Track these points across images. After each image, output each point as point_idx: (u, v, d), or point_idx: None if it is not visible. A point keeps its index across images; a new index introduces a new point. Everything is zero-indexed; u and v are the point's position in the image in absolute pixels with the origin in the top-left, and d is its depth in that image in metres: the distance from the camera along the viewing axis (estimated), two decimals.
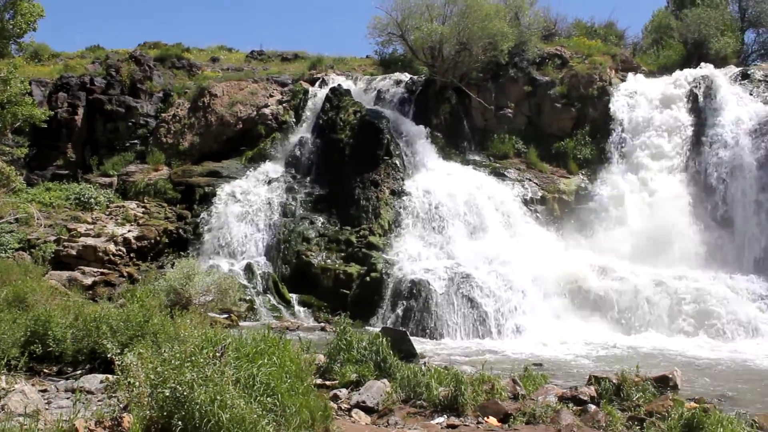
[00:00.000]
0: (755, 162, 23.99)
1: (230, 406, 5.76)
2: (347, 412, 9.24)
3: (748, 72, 27.67)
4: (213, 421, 5.63)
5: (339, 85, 28.47)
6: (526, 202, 24.87)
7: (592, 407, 9.78)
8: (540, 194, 25.33)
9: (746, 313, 19.83)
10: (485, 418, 9.27)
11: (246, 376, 6.45)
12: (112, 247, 22.33)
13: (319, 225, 23.66)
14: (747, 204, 23.71)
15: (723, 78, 27.01)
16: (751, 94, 26.30)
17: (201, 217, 24.28)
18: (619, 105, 27.31)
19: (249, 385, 6.40)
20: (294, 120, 28.37)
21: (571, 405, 9.98)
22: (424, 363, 12.40)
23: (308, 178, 25.76)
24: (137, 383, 6.03)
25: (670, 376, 11.92)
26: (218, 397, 5.73)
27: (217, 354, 6.33)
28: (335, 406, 9.18)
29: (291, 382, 6.93)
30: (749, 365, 15.90)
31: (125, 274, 21.72)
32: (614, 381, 10.84)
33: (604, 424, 9.13)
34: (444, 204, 23.59)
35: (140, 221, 24.01)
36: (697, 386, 12.86)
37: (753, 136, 24.47)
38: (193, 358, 6.03)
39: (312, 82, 30.26)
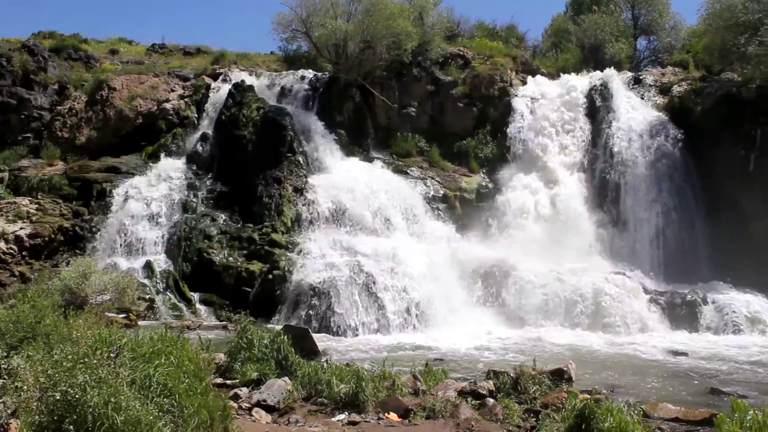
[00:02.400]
0: (647, 162, 25.12)
1: (125, 408, 5.64)
2: (248, 412, 9.18)
3: (641, 77, 29.00)
4: (107, 424, 5.49)
5: (242, 80, 28.14)
6: (429, 200, 25.23)
7: (491, 401, 10.02)
8: (442, 192, 25.74)
9: (638, 308, 20.72)
10: (386, 414, 9.36)
11: (142, 377, 6.32)
12: (2, 245, 21.43)
13: (221, 222, 23.34)
14: (640, 203, 24.78)
15: (618, 82, 28.16)
16: (642, 98, 27.54)
17: (98, 214, 23.55)
18: (519, 105, 28.03)
19: (145, 386, 6.27)
20: (196, 115, 27.87)
21: (470, 399, 10.18)
22: (326, 360, 12.40)
23: (210, 175, 25.37)
24: (26, 387, 5.83)
25: (565, 369, 12.34)
26: (112, 399, 5.60)
27: (112, 355, 6.17)
28: (235, 405, 9.09)
29: (189, 382, 6.83)
30: (640, 357, 16.60)
31: (17, 273, 20.88)
32: (512, 375, 11.13)
33: (501, 417, 9.35)
34: (347, 201, 23.67)
35: (33, 218, 23.09)
36: (591, 378, 13.31)
37: (644, 138, 25.60)
38: (86, 360, 5.86)
39: (215, 77, 29.78)
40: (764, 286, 21.92)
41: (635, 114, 26.69)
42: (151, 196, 23.93)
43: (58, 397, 5.60)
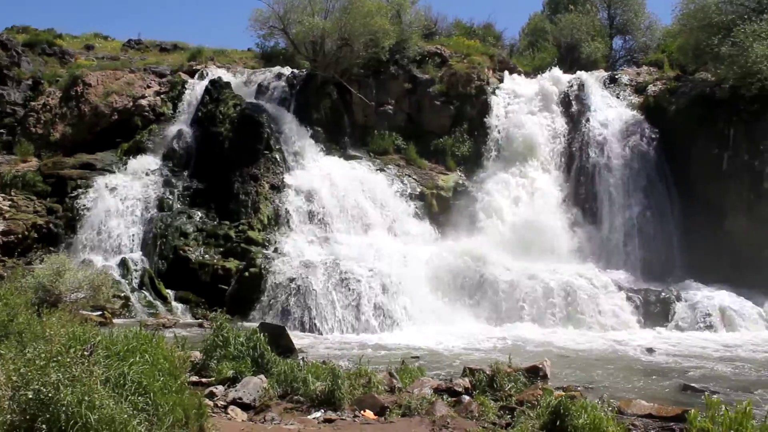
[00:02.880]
0: (621, 161, 25.36)
1: (99, 407, 5.59)
2: (223, 409, 9.14)
3: (616, 76, 29.26)
4: (80, 423, 5.45)
5: (219, 77, 28.02)
6: (406, 198, 25.25)
7: (466, 398, 10.07)
8: (419, 190, 25.77)
9: (613, 305, 20.92)
10: (362, 412, 9.37)
11: (116, 375, 6.27)
12: None
13: (198, 219, 23.25)
14: (615, 201, 24.98)
15: (593, 81, 28.37)
16: (618, 97, 27.77)
17: (73, 211, 23.33)
18: (496, 104, 28.16)
19: (119, 384, 6.22)
20: (172, 112, 27.71)
21: (446, 396, 10.23)
22: (303, 358, 12.41)
23: (186, 172, 25.24)
24: None
25: (541, 366, 12.45)
26: (86, 398, 5.55)
27: (86, 353, 6.12)
28: (211, 403, 9.05)
29: (164, 380, 6.79)
30: (615, 354, 16.76)
31: None
32: (488, 372, 11.20)
33: (477, 414, 9.40)
34: (324, 199, 23.67)
35: (6, 215, 22.84)
36: (566, 375, 13.46)
37: (619, 137, 25.82)
38: (60, 358, 5.81)
39: (191, 74, 29.63)
40: (737, 283, 22.22)
41: (611, 113, 26.92)
42: (126, 193, 23.77)
43: (30, 396, 5.55)
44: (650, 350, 16.98)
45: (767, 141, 23.65)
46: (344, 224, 23.22)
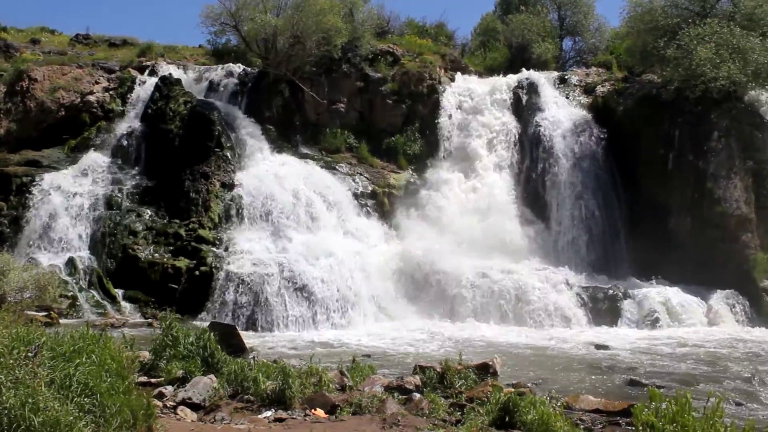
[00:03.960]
0: (570, 161, 25.71)
1: (43, 409, 5.50)
2: (173, 410, 9.05)
3: (566, 77, 29.67)
4: (24, 426, 5.36)
5: (170, 74, 27.65)
6: (357, 196, 25.25)
7: (417, 396, 10.12)
8: (371, 188, 25.79)
9: (563, 303, 21.25)
10: (313, 411, 9.36)
11: (62, 377, 6.18)
12: None
13: (147, 218, 22.93)
14: (564, 200, 25.34)
15: (544, 81, 28.70)
16: (567, 98, 28.17)
17: (18, 209, 22.82)
18: (447, 103, 28.31)
19: (65, 385, 6.13)
20: (121, 108, 27.22)
21: (396, 394, 10.26)
22: (254, 357, 12.35)
23: (136, 169, 24.88)
24: None
25: (491, 363, 12.59)
26: (30, 400, 5.46)
27: (30, 354, 6.03)
28: (160, 404, 8.95)
29: (112, 380, 6.71)
30: (564, 351, 17.05)
31: None
32: (438, 370, 11.31)
33: (427, 412, 9.45)
34: (276, 197, 23.53)
35: None
36: (516, 372, 13.63)
37: (568, 137, 26.18)
38: (2, 360, 5.71)
39: (141, 70, 29.17)
40: (682, 280, 22.81)
41: (561, 113, 27.28)
42: (73, 191, 23.32)
43: None
44: (598, 347, 17.29)
45: (710, 142, 24.20)
46: (296, 222, 23.12)
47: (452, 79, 29.66)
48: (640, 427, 7.06)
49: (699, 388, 12.50)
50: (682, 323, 21.13)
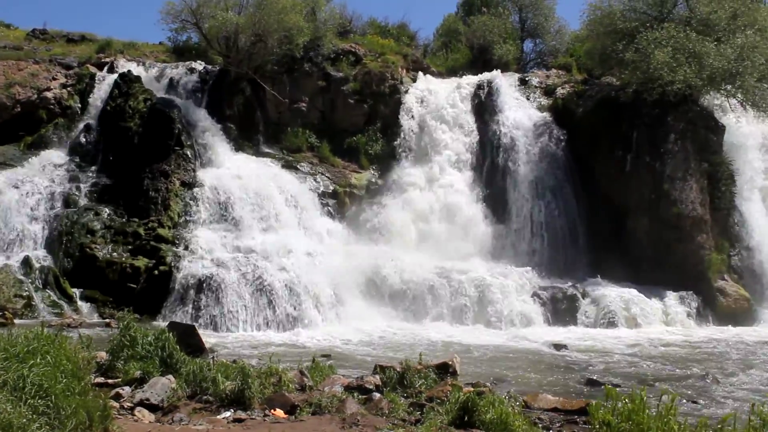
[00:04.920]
0: (530, 162, 25.94)
1: None
2: (130, 411, 8.96)
3: (526, 78, 29.93)
4: None
5: (129, 71, 27.29)
6: (319, 196, 25.18)
7: (377, 395, 10.14)
8: (332, 188, 25.74)
9: (522, 303, 21.44)
10: (272, 411, 9.33)
11: (15, 378, 6.10)
12: None
13: (105, 217, 22.63)
14: (524, 201, 25.55)
15: (505, 82, 28.93)
16: (528, 99, 28.42)
17: None
18: (409, 103, 28.37)
19: (18, 387, 6.05)
20: (79, 105, 26.79)
21: (356, 394, 10.27)
22: (213, 357, 12.26)
23: (94, 167, 24.54)
24: None
25: (450, 362, 12.66)
26: None
27: None
28: (117, 405, 8.87)
29: (67, 382, 6.64)
30: (523, 351, 17.22)
31: None
32: (398, 369, 11.33)
33: (387, 411, 9.47)
34: (236, 196, 23.40)
35: None
36: (476, 371, 13.73)
37: (529, 138, 26.42)
38: None
39: (100, 67, 28.74)
40: (639, 280, 23.19)
41: (521, 114, 27.50)
42: (30, 189, 22.89)
43: None
44: (557, 346, 17.46)
45: (667, 144, 24.59)
46: (256, 222, 23.00)
47: (414, 80, 29.72)
48: (597, 426, 7.17)
49: (655, 386, 12.69)
50: (639, 323, 21.46)
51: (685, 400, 11.48)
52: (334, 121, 28.34)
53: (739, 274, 24.62)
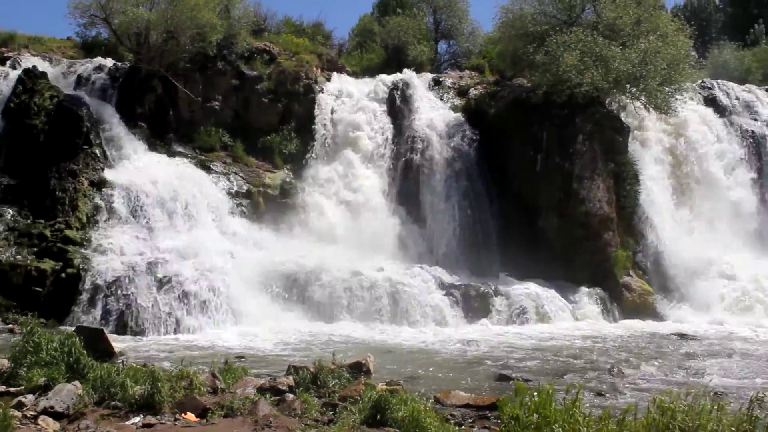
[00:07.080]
0: (444, 161, 26.27)
1: None
2: (33, 420, 8.70)
3: (440, 79, 30.36)
4: None
5: (34, 66, 26.36)
6: (232, 196, 24.87)
7: (290, 396, 10.14)
8: (246, 188, 25.47)
9: (435, 301, 21.65)
10: (183, 415, 9.23)
11: None
12: None
13: (9, 218, 21.83)
14: (438, 200, 25.86)
15: (419, 83, 29.24)
16: (441, 99, 28.80)
17: None
18: (324, 102, 28.33)
19: None
20: None
21: (269, 395, 10.25)
22: (122, 362, 12.04)
23: None
24: None
25: (364, 362, 12.76)
26: None
27: None
28: (19, 414, 8.63)
29: None
30: (437, 349, 17.41)
31: None
32: (312, 369, 11.35)
33: (300, 412, 9.49)
34: (148, 196, 22.93)
35: None
36: (390, 370, 13.84)
37: (442, 138, 26.76)
38: None
39: (2, 62, 27.72)
40: (549, 277, 23.79)
41: (435, 114, 27.82)
42: None
43: None
44: (470, 343, 17.77)
45: (576, 144, 25.28)
46: (168, 222, 22.59)
47: (329, 79, 29.69)
48: (506, 420, 7.36)
49: (564, 380, 13.09)
50: (549, 319, 21.99)
51: (591, 393, 11.85)
52: (248, 120, 28.05)
53: (644, 269, 25.54)
